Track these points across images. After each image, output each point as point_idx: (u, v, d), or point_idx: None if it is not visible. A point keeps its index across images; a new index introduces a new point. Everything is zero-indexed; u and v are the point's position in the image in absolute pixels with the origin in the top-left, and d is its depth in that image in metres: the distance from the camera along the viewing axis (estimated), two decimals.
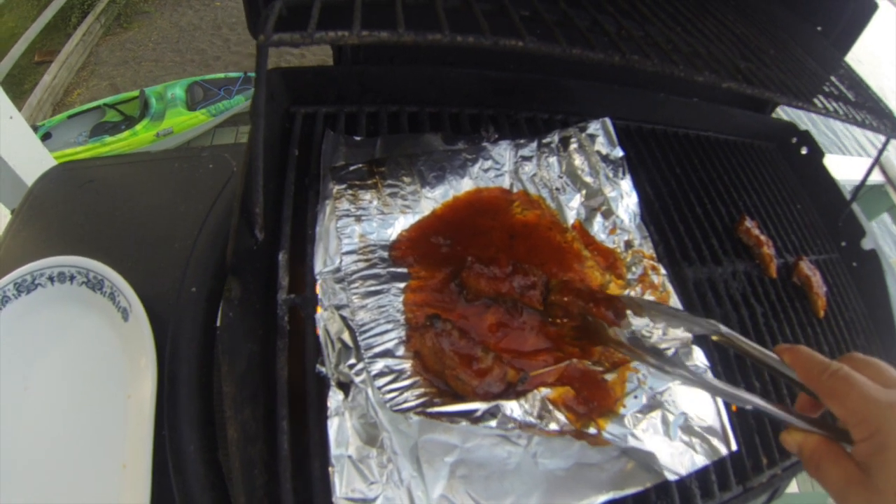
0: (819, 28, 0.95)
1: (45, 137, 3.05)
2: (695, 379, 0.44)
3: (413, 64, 0.71)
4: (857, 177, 1.44)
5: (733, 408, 0.60)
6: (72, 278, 0.65)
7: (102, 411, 0.57)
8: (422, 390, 0.46)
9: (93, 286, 0.65)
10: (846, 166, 1.42)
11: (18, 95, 3.29)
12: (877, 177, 1.57)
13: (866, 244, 0.96)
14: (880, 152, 0.89)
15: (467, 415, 0.44)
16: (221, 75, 3.27)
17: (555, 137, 0.67)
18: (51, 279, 0.65)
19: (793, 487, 1.58)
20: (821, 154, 1.01)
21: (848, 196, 0.99)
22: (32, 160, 1.11)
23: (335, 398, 0.45)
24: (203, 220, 0.76)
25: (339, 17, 0.39)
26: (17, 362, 0.60)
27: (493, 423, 0.44)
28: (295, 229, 0.58)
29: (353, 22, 0.35)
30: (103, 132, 3.08)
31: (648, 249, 0.66)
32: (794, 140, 1.03)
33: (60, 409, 0.58)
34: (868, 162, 1.60)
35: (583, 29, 0.45)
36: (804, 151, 1.02)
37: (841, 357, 0.38)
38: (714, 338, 0.47)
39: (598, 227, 0.64)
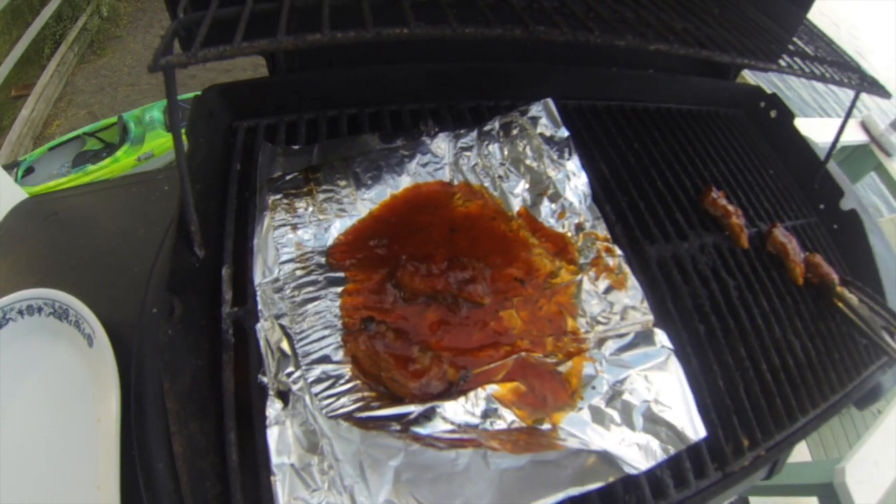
0: None
1: (28, 172, 3.11)
2: None
3: (348, 66, 0.72)
4: (829, 138, 1.43)
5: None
6: (39, 310, 0.69)
7: (75, 435, 0.61)
8: (359, 395, 0.48)
9: (59, 316, 0.68)
10: (823, 128, 1.40)
11: None
12: (862, 136, 1.55)
13: (846, 204, 0.95)
14: (850, 108, 0.88)
15: (400, 418, 0.45)
16: (198, 94, 3.29)
17: (495, 124, 0.68)
18: (20, 312, 0.69)
19: (804, 455, 1.56)
20: (791, 116, 1.00)
21: (823, 157, 0.98)
22: (2, 195, 1.15)
23: (274, 407, 0.46)
24: (161, 242, 0.78)
25: (233, 30, 0.40)
26: None
27: (427, 428, 0.45)
28: (237, 244, 0.60)
29: (236, 36, 0.37)
30: (85, 161, 3.13)
31: (602, 231, 0.66)
32: (763, 104, 1.02)
33: (35, 435, 0.61)
34: (838, 122, 1.59)
35: (483, 7, 0.45)
36: (773, 115, 1.01)
37: None
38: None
39: (545, 213, 0.65)
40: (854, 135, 1.45)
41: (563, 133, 0.69)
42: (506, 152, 0.67)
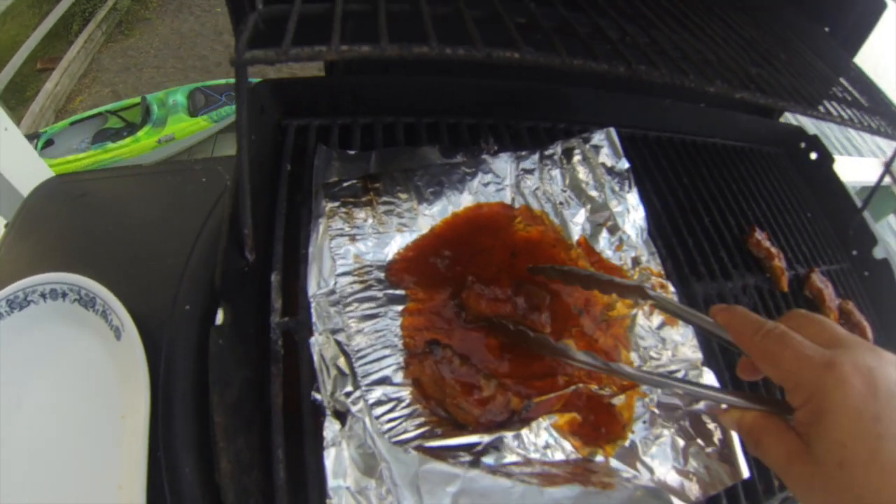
0: (826, 28, 0.93)
1: (48, 144, 3.05)
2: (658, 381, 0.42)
3: (408, 73, 0.68)
4: (866, 178, 1.41)
5: None
6: (64, 295, 0.63)
7: (97, 431, 0.56)
8: (421, 419, 0.44)
9: (85, 303, 0.63)
10: (855, 168, 1.38)
11: (21, 103, 3.28)
12: (873, 188, 1.54)
13: (878, 253, 0.93)
14: (892, 158, 0.86)
15: (469, 448, 0.42)
16: (223, 81, 3.26)
17: (557, 149, 0.64)
18: (43, 296, 0.63)
19: None
20: (830, 160, 0.98)
21: (858, 202, 0.96)
22: (28, 172, 1.09)
23: (332, 428, 0.43)
24: (196, 236, 0.73)
25: (321, 29, 0.36)
26: (11, 380, 0.58)
27: (495, 458, 0.42)
28: (287, 249, 0.56)
29: (332, 36, 0.33)
30: (105, 139, 3.07)
31: (656, 266, 0.63)
32: (803, 145, 1.00)
33: (54, 428, 0.56)
34: (877, 163, 1.57)
35: (584, 36, 0.42)
36: (813, 157, 0.99)
37: (782, 315, 0.35)
38: (648, 303, 0.45)
39: (603, 244, 0.61)
40: (874, 175, 1.43)
41: (624, 164, 0.66)
42: (567, 179, 0.63)
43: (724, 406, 0.38)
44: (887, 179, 1.52)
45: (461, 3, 0.39)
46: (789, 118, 1.04)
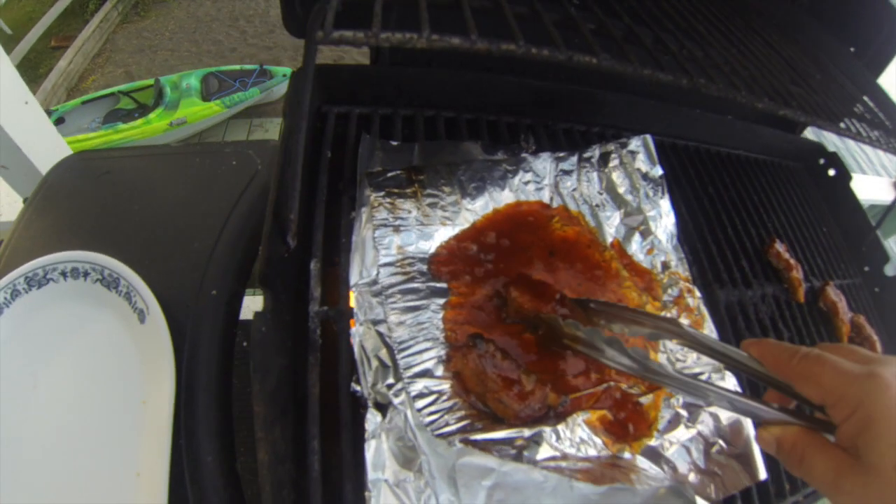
0: (852, 49, 0.92)
1: (59, 122, 2.99)
2: (681, 386, 0.41)
3: (451, 68, 0.67)
4: (879, 197, 1.41)
5: None
6: (86, 275, 0.60)
7: (116, 416, 0.53)
8: (461, 413, 0.43)
9: (108, 284, 0.60)
10: (870, 186, 1.39)
11: (34, 79, 3.22)
12: (893, 195, 1.54)
13: (889, 270, 0.93)
14: None
15: (511, 441, 0.41)
16: (237, 67, 3.21)
17: (595, 152, 0.63)
18: (63, 274, 0.60)
19: None
20: (848, 177, 0.98)
21: (872, 220, 0.96)
22: (47, 148, 1.06)
23: (373, 420, 0.42)
24: (225, 220, 0.71)
25: (402, 17, 0.35)
26: (27, 359, 0.56)
27: (536, 452, 0.41)
28: (327, 237, 0.54)
29: (422, 24, 0.31)
30: (116, 119, 3.02)
31: (684, 271, 0.63)
32: (822, 161, 0.99)
33: (71, 410, 0.54)
34: (887, 182, 1.57)
35: (648, 46, 0.42)
36: (831, 173, 0.99)
37: (811, 347, 0.34)
38: (675, 341, 0.43)
39: (635, 247, 0.61)
40: (886, 194, 1.44)
41: (658, 171, 0.65)
42: (604, 182, 0.63)
43: (759, 419, 0.36)
44: None
45: (537, 4, 0.37)
46: (809, 134, 1.04)
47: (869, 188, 1.13)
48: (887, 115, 0.75)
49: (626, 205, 0.62)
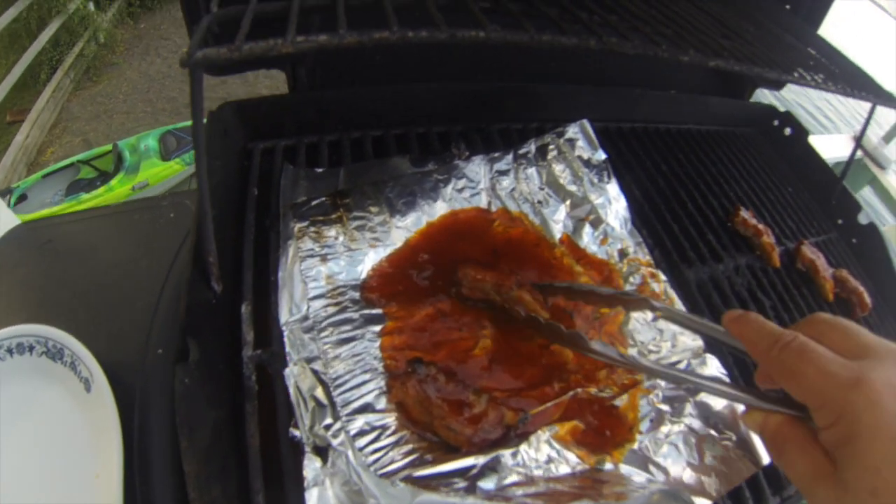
0: (787, 6, 0.93)
1: (21, 199, 2.97)
2: (670, 374, 0.39)
3: (374, 84, 0.66)
4: (838, 154, 1.42)
5: None
6: (31, 348, 0.59)
7: (70, 494, 0.51)
8: (409, 447, 0.40)
9: (53, 356, 0.59)
10: (826, 144, 1.39)
11: None
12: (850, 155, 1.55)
13: (862, 218, 0.92)
14: (868, 118, 0.85)
15: (463, 473, 0.38)
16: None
17: (531, 147, 0.63)
18: (9, 351, 0.59)
19: None
20: (805, 133, 0.98)
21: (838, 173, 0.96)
22: None
23: (312, 466, 0.39)
24: (167, 275, 0.70)
25: (280, 29, 0.34)
26: None
27: (493, 482, 0.38)
28: (257, 277, 0.52)
29: (288, 28, 0.30)
30: (79, 189, 3.00)
31: (644, 256, 0.61)
32: (776, 122, 0.99)
33: (24, 492, 0.52)
34: (846, 138, 1.59)
35: (553, 16, 0.40)
36: (787, 132, 0.99)
37: (800, 321, 0.31)
38: (657, 314, 0.43)
39: (587, 239, 0.59)
40: (847, 150, 1.44)
41: (601, 156, 0.64)
42: (544, 177, 0.61)
43: (742, 408, 0.34)
44: (859, 153, 1.53)
45: None
46: (759, 99, 1.04)
47: (828, 146, 1.13)
48: (831, 61, 0.75)
49: (571, 196, 0.61)
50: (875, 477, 0.24)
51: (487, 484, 0.39)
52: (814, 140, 1.00)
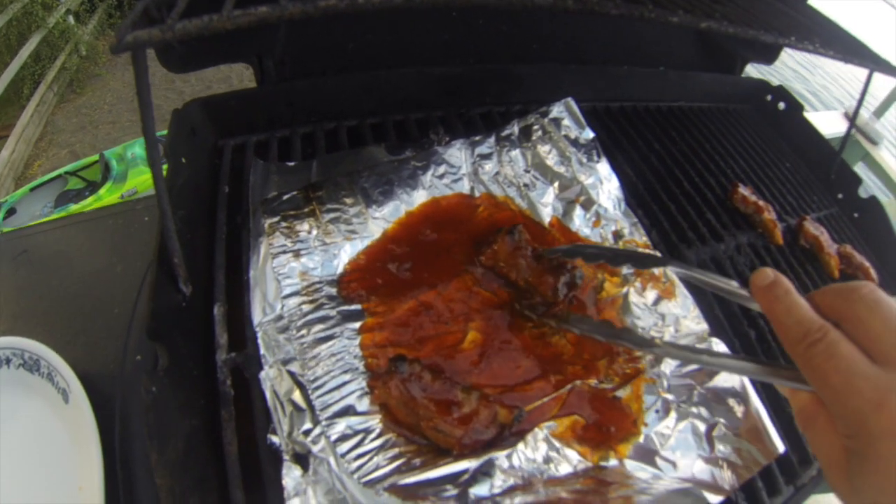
0: None
1: (10, 213, 2.94)
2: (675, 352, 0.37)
3: (347, 72, 0.64)
4: (830, 130, 1.39)
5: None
6: (8, 361, 0.59)
7: None
8: (396, 451, 0.38)
9: (30, 368, 0.58)
10: (823, 121, 1.37)
11: None
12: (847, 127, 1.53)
13: (863, 192, 0.90)
14: (866, 84, 0.82)
15: (454, 479, 0.36)
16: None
17: (514, 128, 0.60)
18: None
19: None
20: (800, 107, 0.95)
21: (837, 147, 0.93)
22: None
23: (292, 475, 0.37)
24: (142, 279, 0.68)
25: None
26: None
27: (487, 487, 0.36)
28: (230, 277, 0.50)
29: (226, 2, 0.28)
30: (67, 201, 2.98)
31: (641, 237, 0.59)
32: (770, 97, 0.97)
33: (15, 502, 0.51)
34: (839, 115, 1.56)
35: None
36: (782, 107, 0.96)
37: (842, 288, 0.28)
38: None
39: (579, 222, 0.57)
40: (839, 126, 1.41)
41: (589, 134, 0.61)
42: (529, 158, 0.59)
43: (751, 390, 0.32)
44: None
45: None
46: (751, 74, 1.01)
47: (819, 123, 1.11)
48: (825, 29, 0.73)
49: (559, 177, 0.58)
50: (879, 496, 0.24)
51: (481, 490, 0.36)
52: (808, 116, 0.97)
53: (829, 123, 1.41)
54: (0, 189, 3.20)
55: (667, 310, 0.53)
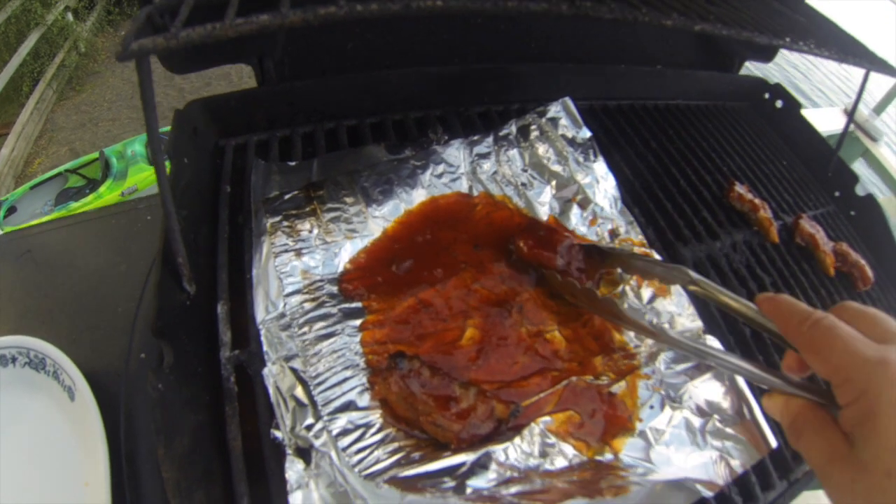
0: None
1: (11, 212, 2.95)
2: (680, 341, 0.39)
3: (346, 73, 0.64)
4: (829, 128, 1.40)
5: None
6: (14, 360, 0.60)
7: (63, 501, 0.51)
8: (395, 445, 0.39)
9: (35, 366, 0.59)
10: (821, 118, 1.37)
11: None
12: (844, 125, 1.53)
13: (860, 190, 0.91)
14: (863, 83, 0.83)
15: (452, 471, 0.37)
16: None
17: (512, 128, 0.61)
18: None
19: None
20: (797, 105, 0.95)
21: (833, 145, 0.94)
22: None
23: (294, 468, 0.38)
24: (146, 279, 0.69)
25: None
26: None
27: (483, 479, 0.37)
28: (233, 276, 0.51)
29: (228, 10, 0.29)
30: (68, 198, 2.98)
31: (637, 235, 0.60)
32: (767, 95, 0.97)
33: (22, 500, 0.52)
34: (838, 111, 1.56)
35: None
36: (779, 105, 0.97)
37: (832, 307, 0.31)
38: (690, 287, 0.43)
39: (576, 220, 0.57)
40: (839, 123, 1.42)
41: (586, 133, 0.62)
42: (527, 158, 0.59)
43: (745, 388, 0.34)
44: (850, 126, 1.50)
45: None
46: (752, 71, 1.02)
47: (818, 120, 1.11)
48: (821, 28, 0.73)
49: (556, 176, 0.59)
50: (892, 457, 0.24)
51: (478, 482, 0.37)
52: (806, 113, 0.98)
53: (828, 120, 1.41)
54: (0, 187, 3.21)
55: (662, 307, 0.54)
